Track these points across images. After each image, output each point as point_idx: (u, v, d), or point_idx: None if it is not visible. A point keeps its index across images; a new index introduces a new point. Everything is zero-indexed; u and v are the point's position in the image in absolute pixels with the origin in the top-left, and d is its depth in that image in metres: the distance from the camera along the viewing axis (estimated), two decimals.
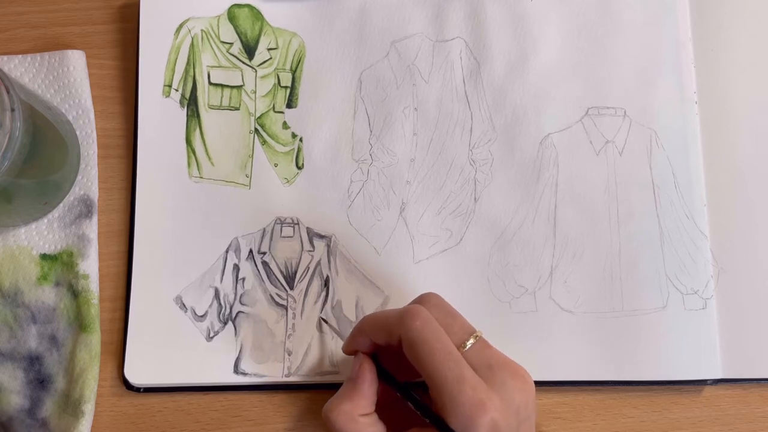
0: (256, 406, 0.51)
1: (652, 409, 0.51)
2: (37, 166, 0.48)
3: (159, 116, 0.54)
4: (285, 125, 0.55)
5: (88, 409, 0.49)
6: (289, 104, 0.55)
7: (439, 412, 0.40)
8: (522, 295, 0.52)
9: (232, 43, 0.55)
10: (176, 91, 0.55)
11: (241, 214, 0.53)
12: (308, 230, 0.53)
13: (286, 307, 0.52)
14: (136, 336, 0.51)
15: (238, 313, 0.52)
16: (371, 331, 0.44)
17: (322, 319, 0.52)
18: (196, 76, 0.55)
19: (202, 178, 0.54)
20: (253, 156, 0.54)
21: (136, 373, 0.51)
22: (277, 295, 0.52)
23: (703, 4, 0.55)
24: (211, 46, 0.55)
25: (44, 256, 0.52)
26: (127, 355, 0.51)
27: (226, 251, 0.53)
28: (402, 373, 0.44)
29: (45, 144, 0.48)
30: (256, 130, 0.54)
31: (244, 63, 0.55)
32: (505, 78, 0.55)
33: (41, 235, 0.52)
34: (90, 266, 0.52)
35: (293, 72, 0.55)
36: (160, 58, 0.55)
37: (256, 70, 0.55)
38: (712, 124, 0.54)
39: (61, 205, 0.53)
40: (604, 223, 0.53)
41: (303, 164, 0.54)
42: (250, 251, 0.53)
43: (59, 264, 0.52)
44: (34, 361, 0.51)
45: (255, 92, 0.55)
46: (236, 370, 0.51)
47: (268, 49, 0.55)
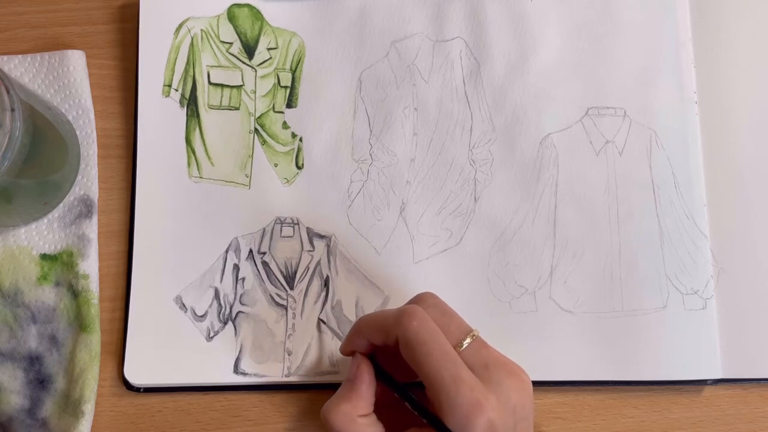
0: (256, 406, 0.51)
1: (652, 409, 0.51)
2: (37, 166, 0.48)
3: (159, 116, 0.54)
4: (285, 125, 0.55)
5: (88, 409, 0.49)
6: (289, 104, 0.55)
7: (436, 413, 0.40)
8: (522, 295, 0.52)
9: (231, 43, 0.55)
10: (176, 90, 0.55)
11: (241, 214, 0.53)
12: (308, 230, 0.53)
13: (286, 307, 0.52)
14: (136, 336, 0.51)
15: (238, 313, 0.52)
16: (368, 332, 0.44)
17: (320, 321, 0.52)
18: (196, 76, 0.55)
19: (201, 178, 0.54)
20: (252, 156, 0.54)
21: (136, 373, 0.51)
22: (277, 295, 0.52)
23: (703, 4, 0.55)
24: (210, 45, 0.55)
25: (44, 256, 0.52)
26: (127, 355, 0.51)
27: (226, 251, 0.53)
28: (400, 373, 0.44)
29: (45, 144, 0.48)
30: (256, 129, 0.54)
31: (243, 63, 0.55)
32: (505, 78, 0.55)
33: (41, 235, 0.52)
34: (90, 266, 0.52)
35: (293, 72, 0.55)
36: (159, 58, 0.55)
37: (255, 70, 0.55)
38: (712, 124, 0.54)
39: (61, 205, 0.53)
40: (604, 223, 0.53)
41: (303, 164, 0.54)
42: (250, 251, 0.53)
43: (59, 264, 0.52)
44: (34, 361, 0.51)
45: (255, 92, 0.55)
46: (236, 370, 0.51)
47: (268, 49, 0.55)
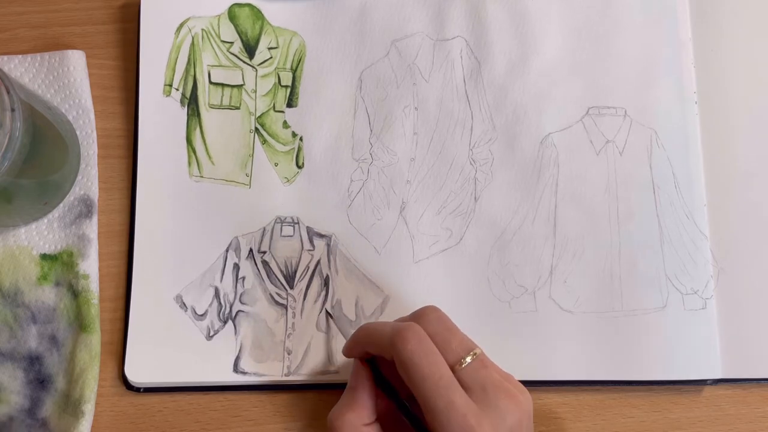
0: (256, 406, 0.51)
1: (652, 409, 0.51)
2: (37, 166, 0.48)
3: (159, 116, 0.54)
4: (285, 124, 0.55)
5: (88, 409, 0.49)
6: (290, 103, 0.55)
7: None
8: (522, 295, 0.52)
9: (232, 43, 0.55)
10: (177, 90, 0.55)
11: (241, 214, 0.53)
12: (308, 229, 0.53)
13: (285, 307, 0.52)
14: (136, 336, 0.51)
15: (238, 312, 0.52)
16: (366, 344, 0.44)
17: (327, 314, 0.52)
18: (197, 76, 0.55)
19: (202, 177, 0.54)
20: (253, 155, 0.54)
21: (137, 372, 0.51)
22: (277, 294, 0.52)
23: (703, 4, 0.55)
24: (211, 45, 0.55)
25: (44, 256, 0.52)
26: (127, 355, 0.51)
27: (226, 250, 0.53)
28: (403, 381, 0.44)
29: (45, 144, 0.48)
30: (257, 129, 0.54)
31: (244, 62, 0.55)
32: (506, 77, 0.55)
33: (41, 235, 0.52)
34: (90, 266, 0.52)
35: (294, 71, 0.55)
36: (160, 58, 0.55)
37: (256, 70, 0.55)
38: (712, 124, 0.54)
39: (61, 205, 0.53)
40: (604, 223, 0.53)
41: (303, 163, 0.54)
42: (250, 250, 0.53)
43: (59, 264, 0.52)
44: (34, 361, 0.51)
45: (255, 91, 0.55)
46: (236, 369, 0.51)
47: (269, 49, 0.55)
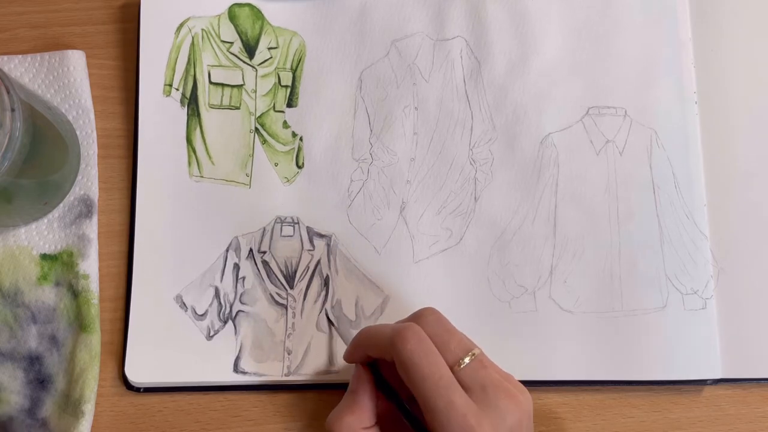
0: (256, 406, 0.51)
1: (652, 409, 0.51)
2: (37, 166, 0.48)
3: (159, 115, 0.54)
4: (285, 124, 0.55)
5: (88, 409, 0.49)
6: (290, 103, 0.55)
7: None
8: (522, 295, 0.52)
9: (232, 43, 0.55)
10: (177, 90, 0.55)
11: (241, 214, 0.53)
12: (308, 229, 0.53)
13: (286, 307, 0.52)
14: (136, 336, 0.51)
15: (238, 312, 0.52)
16: (366, 347, 0.45)
17: (329, 321, 0.52)
18: (197, 76, 0.55)
19: (202, 177, 0.54)
20: (253, 155, 0.54)
21: (137, 372, 0.51)
22: (277, 294, 0.52)
23: (703, 4, 0.55)
24: (211, 45, 0.55)
25: (44, 256, 0.52)
26: (127, 355, 0.51)
27: (227, 250, 0.53)
28: (403, 383, 0.44)
29: (45, 144, 0.48)
30: (257, 129, 0.54)
31: (244, 62, 0.55)
32: (506, 77, 0.55)
33: (41, 235, 0.52)
34: (90, 266, 0.52)
35: (294, 71, 0.55)
36: (160, 58, 0.55)
37: (256, 70, 0.55)
38: (712, 124, 0.54)
39: (61, 205, 0.53)
40: (604, 223, 0.53)
41: (303, 163, 0.54)
42: (250, 250, 0.53)
43: (59, 264, 0.52)
44: (34, 361, 0.51)
45: (255, 91, 0.55)
46: (236, 369, 0.51)
47: (269, 49, 0.55)
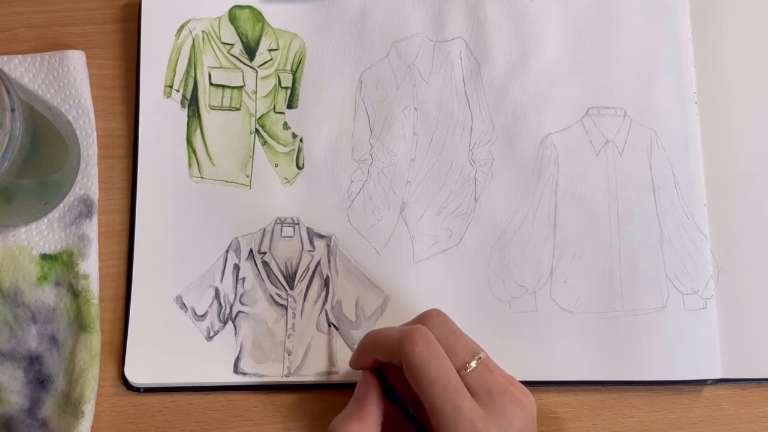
0: (256, 406, 0.51)
1: (652, 409, 0.51)
2: (37, 166, 0.48)
3: (160, 116, 0.54)
4: (285, 126, 0.55)
5: (88, 409, 0.49)
6: (290, 105, 0.55)
7: None
8: (522, 295, 0.52)
9: (233, 44, 0.55)
10: (177, 91, 0.55)
11: (241, 214, 0.53)
12: (308, 230, 0.53)
13: (286, 307, 0.52)
14: (136, 336, 0.51)
15: (238, 312, 0.52)
16: (373, 351, 0.44)
17: (332, 324, 0.52)
18: (197, 77, 0.55)
19: (202, 178, 0.54)
20: (253, 156, 0.54)
21: (136, 372, 0.51)
22: (277, 294, 0.52)
23: (703, 4, 0.55)
24: (212, 46, 0.55)
25: (44, 256, 0.52)
26: (127, 355, 0.51)
27: (227, 251, 0.53)
28: (409, 388, 0.44)
29: (45, 144, 0.48)
30: (257, 130, 0.54)
31: (244, 64, 0.55)
32: (505, 78, 0.55)
33: (41, 235, 0.52)
34: (90, 266, 0.52)
35: (294, 73, 0.55)
36: (161, 59, 0.55)
37: (256, 71, 0.55)
38: (712, 124, 0.54)
39: (61, 205, 0.53)
40: (604, 223, 0.53)
41: (303, 164, 0.54)
42: (251, 251, 0.53)
43: (59, 264, 0.52)
44: (34, 361, 0.51)
45: (256, 93, 0.55)
46: (236, 369, 0.51)
47: (269, 50, 0.55)
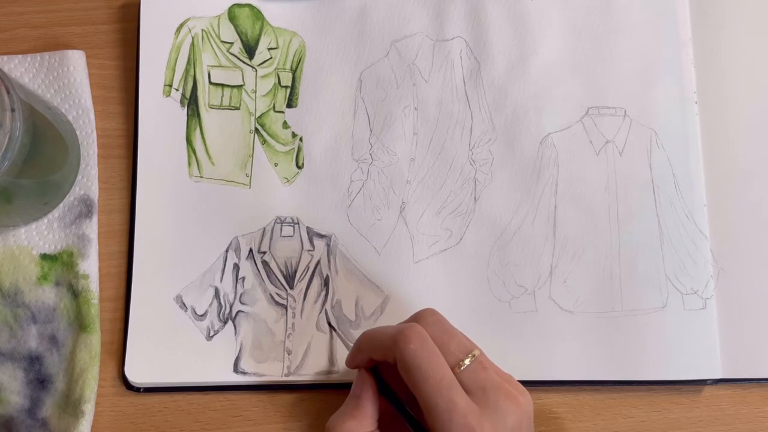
0: (256, 406, 0.51)
1: (652, 409, 0.51)
2: (37, 166, 0.48)
3: (159, 116, 0.54)
4: (285, 125, 0.55)
5: (88, 409, 0.49)
6: (290, 104, 0.55)
7: None
8: (522, 295, 0.52)
9: (232, 43, 0.55)
10: (177, 90, 0.55)
11: (241, 214, 0.53)
12: (308, 230, 0.53)
13: (285, 307, 0.52)
14: (136, 336, 0.51)
15: (238, 312, 0.52)
16: (368, 349, 0.44)
17: (330, 326, 0.52)
18: (197, 76, 0.55)
19: (202, 177, 0.54)
20: (253, 155, 0.54)
21: (137, 372, 0.51)
22: (277, 294, 0.52)
23: (703, 4, 0.55)
24: (211, 45, 0.55)
25: (44, 256, 0.52)
26: (127, 355, 0.51)
27: (226, 251, 0.53)
28: (404, 386, 0.44)
29: (45, 144, 0.48)
30: (257, 129, 0.54)
31: (244, 63, 0.55)
32: (506, 77, 0.55)
33: (41, 235, 0.52)
34: (90, 266, 0.52)
35: (293, 71, 0.55)
36: (160, 58, 0.55)
37: (256, 70, 0.55)
38: (712, 124, 0.54)
39: (61, 205, 0.53)
40: (603, 223, 0.53)
41: (303, 164, 0.54)
42: (250, 250, 0.53)
43: (59, 264, 0.52)
44: (34, 361, 0.51)
45: (255, 92, 0.55)
46: (236, 369, 0.51)
47: (269, 49, 0.55)
